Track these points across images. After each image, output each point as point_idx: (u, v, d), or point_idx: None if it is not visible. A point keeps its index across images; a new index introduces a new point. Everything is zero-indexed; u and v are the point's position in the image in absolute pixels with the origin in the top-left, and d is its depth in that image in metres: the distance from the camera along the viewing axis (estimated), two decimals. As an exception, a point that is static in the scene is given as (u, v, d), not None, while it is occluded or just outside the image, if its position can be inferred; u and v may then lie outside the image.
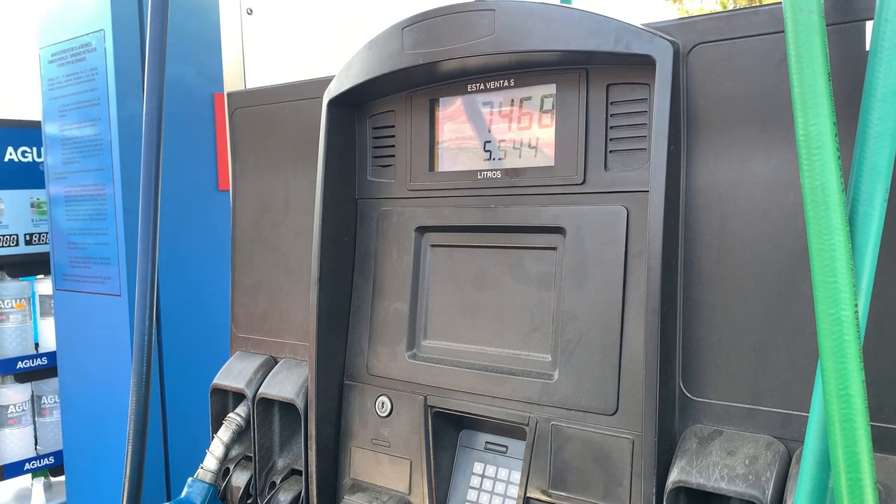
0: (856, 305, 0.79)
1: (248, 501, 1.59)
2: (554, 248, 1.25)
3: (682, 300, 1.09)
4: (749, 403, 1.03)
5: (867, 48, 0.90)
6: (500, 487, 1.33)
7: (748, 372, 1.04)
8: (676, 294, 1.09)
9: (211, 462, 1.55)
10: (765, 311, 1.02)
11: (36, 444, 3.10)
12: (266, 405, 1.58)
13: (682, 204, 1.09)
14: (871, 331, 0.92)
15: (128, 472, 1.57)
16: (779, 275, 1.01)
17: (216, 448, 1.56)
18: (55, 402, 3.07)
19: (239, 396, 1.62)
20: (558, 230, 1.23)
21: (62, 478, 2.95)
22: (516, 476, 1.30)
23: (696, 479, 1.01)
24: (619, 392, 1.14)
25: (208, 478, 1.53)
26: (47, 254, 2.80)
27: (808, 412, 0.87)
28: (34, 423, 3.10)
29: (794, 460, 0.98)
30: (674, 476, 1.03)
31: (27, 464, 3.03)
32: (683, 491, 1.04)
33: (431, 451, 1.37)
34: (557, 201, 1.24)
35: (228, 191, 1.75)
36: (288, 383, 1.53)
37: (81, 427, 2.69)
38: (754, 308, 1.03)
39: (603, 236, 1.18)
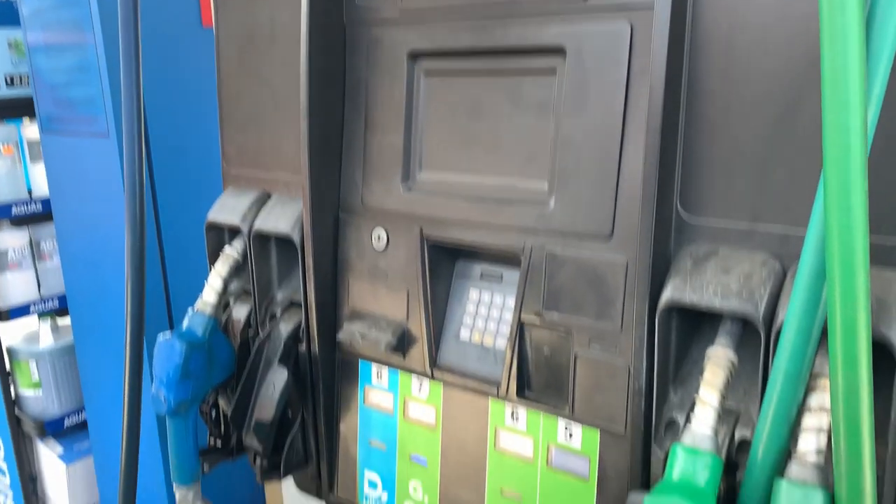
0: (866, 114, 0.75)
1: (250, 331, 1.62)
2: (553, 71, 1.20)
3: (683, 119, 1.05)
4: (747, 221, 1.02)
5: None
6: (495, 313, 1.35)
7: (748, 190, 1.02)
8: (679, 113, 1.05)
9: (210, 294, 1.56)
10: (769, 128, 0.99)
11: (39, 288, 3.14)
12: (262, 240, 1.57)
13: (689, 17, 1.03)
14: (879, 142, 0.89)
15: (129, 309, 1.58)
16: (787, 89, 0.97)
17: (214, 281, 1.57)
18: (54, 246, 3.08)
19: (234, 232, 1.62)
20: (558, 50, 1.18)
21: (68, 318, 3.01)
22: (511, 302, 1.32)
23: (689, 297, 1.01)
24: (615, 216, 1.13)
25: (208, 310, 1.55)
26: (31, 98, 2.72)
27: (806, 230, 0.86)
28: (35, 267, 3.12)
29: (788, 277, 0.98)
30: (667, 294, 1.03)
31: (32, 307, 3.09)
32: (676, 311, 1.05)
33: (428, 281, 1.38)
34: (558, 19, 1.17)
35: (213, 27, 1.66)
36: (283, 218, 1.52)
37: (81, 270, 2.72)
38: (758, 124, 1.00)
39: (605, 55, 1.13)
